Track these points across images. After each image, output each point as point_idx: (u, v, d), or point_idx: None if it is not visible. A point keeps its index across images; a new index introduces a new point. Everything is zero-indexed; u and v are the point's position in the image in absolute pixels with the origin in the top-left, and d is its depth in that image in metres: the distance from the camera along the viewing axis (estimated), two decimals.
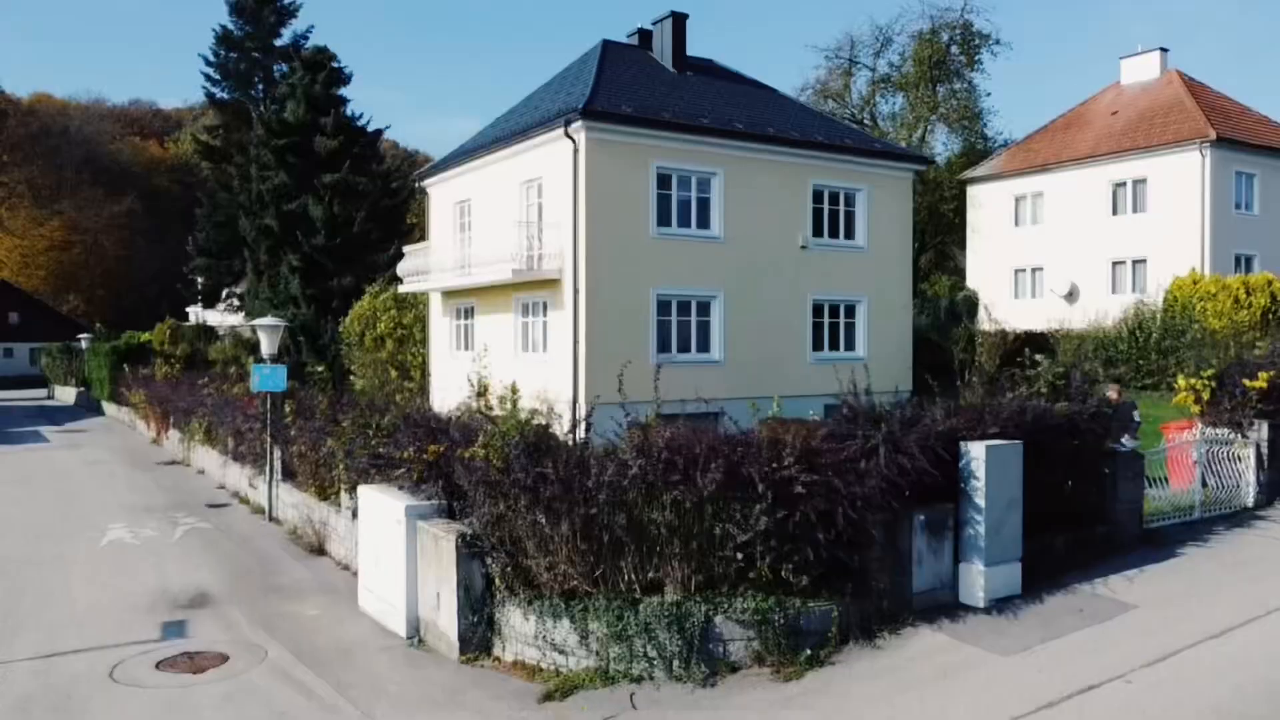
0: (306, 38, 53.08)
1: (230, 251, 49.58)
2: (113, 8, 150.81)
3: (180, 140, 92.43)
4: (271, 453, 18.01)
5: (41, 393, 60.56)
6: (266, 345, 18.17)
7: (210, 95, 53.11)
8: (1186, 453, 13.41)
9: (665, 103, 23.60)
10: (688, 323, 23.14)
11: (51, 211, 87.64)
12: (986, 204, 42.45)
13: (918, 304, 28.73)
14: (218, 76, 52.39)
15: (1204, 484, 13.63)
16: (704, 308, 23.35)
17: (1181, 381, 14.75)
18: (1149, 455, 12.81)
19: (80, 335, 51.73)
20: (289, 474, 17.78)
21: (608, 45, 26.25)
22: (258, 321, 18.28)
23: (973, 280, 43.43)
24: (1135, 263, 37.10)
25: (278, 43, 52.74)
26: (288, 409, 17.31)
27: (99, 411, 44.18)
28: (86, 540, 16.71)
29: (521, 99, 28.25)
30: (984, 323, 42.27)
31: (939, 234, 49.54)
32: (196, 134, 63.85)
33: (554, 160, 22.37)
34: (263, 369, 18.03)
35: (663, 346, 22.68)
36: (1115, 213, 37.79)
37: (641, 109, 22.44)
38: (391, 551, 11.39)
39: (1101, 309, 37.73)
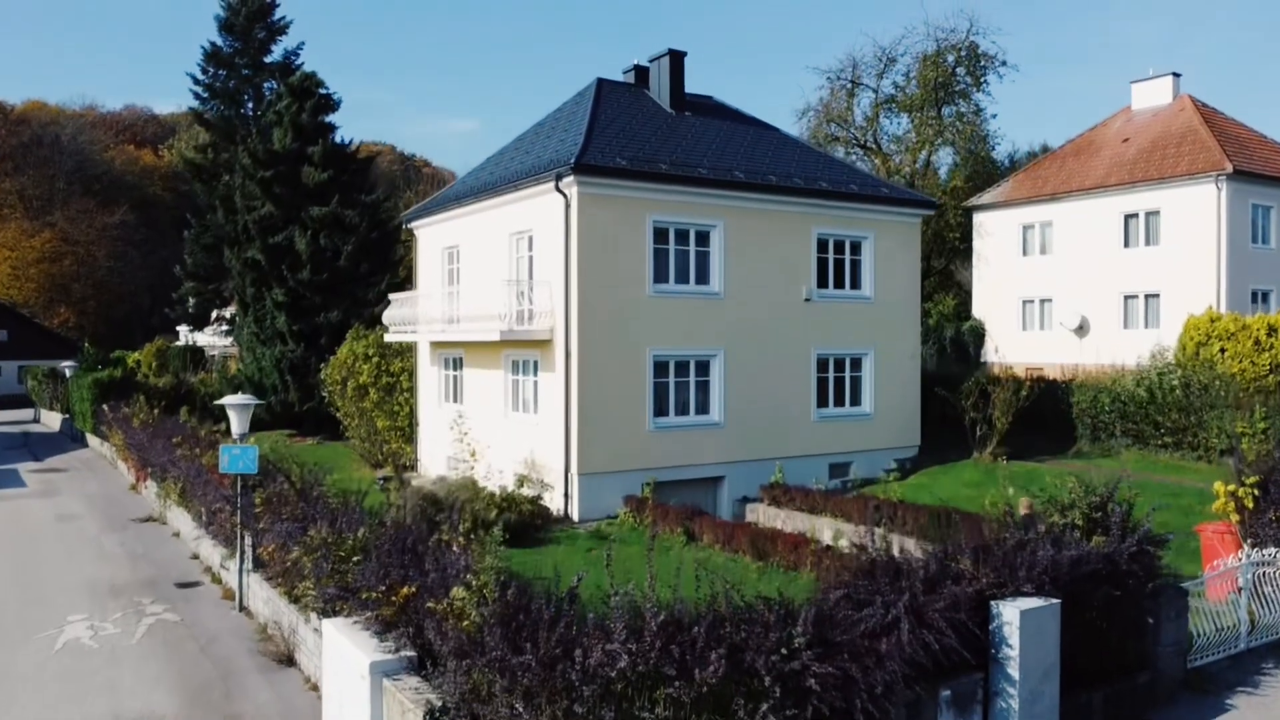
0: (298, 54, 52.07)
1: (219, 275, 48.49)
2: (108, 7, 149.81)
3: (174, 147, 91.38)
4: (242, 539, 16.89)
5: (29, 414, 59.46)
6: (236, 425, 17.04)
7: (199, 114, 52.02)
8: (1231, 577, 12.28)
9: (662, 150, 22.48)
10: (686, 384, 22.03)
11: (43, 223, 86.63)
12: (993, 232, 41.38)
13: (921, 333, 27.49)
14: (206, 95, 51.34)
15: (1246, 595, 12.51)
16: (703, 367, 22.24)
17: (1219, 487, 13.65)
18: (1191, 589, 11.67)
19: (65, 364, 50.52)
20: (260, 563, 16.66)
21: (602, 85, 25.14)
22: (226, 400, 17.14)
23: (979, 309, 42.37)
24: (1148, 297, 36.05)
25: (268, 59, 51.67)
26: (258, 499, 16.16)
27: (83, 442, 43.05)
28: (40, 641, 15.55)
29: (513, 139, 27.16)
30: (990, 354, 41.25)
31: (944, 256, 48.44)
32: (185, 152, 62.72)
33: (545, 213, 21.26)
34: (232, 449, 16.87)
35: (660, 410, 21.59)
36: (1127, 245, 36.74)
37: (637, 160, 21.31)
38: (356, 706, 10.26)
39: (1113, 344, 36.69)
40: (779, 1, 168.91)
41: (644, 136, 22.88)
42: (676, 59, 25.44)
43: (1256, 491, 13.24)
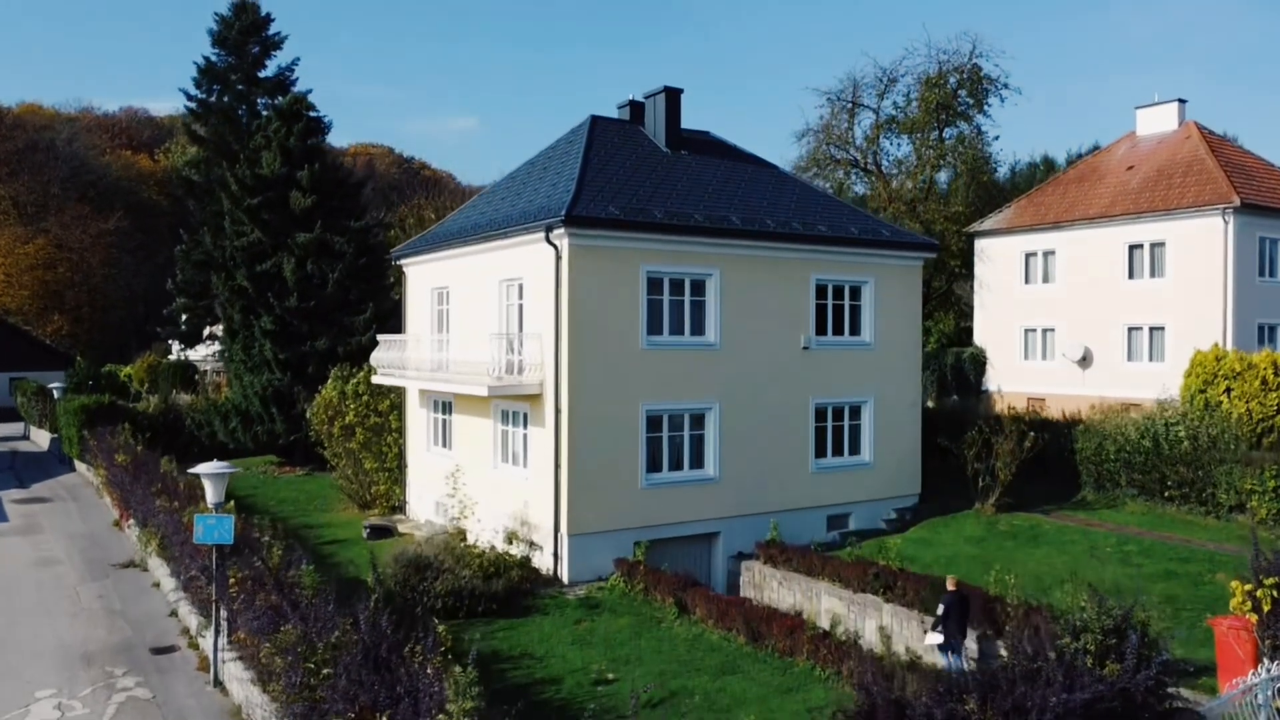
0: (293, 69, 51.28)
1: (210, 292, 47.81)
2: (105, 5, 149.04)
3: (171, 151, 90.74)
4: (217, 611, 16.26)
5: (18, 428, 58.72)
6: (212, 494, 16.39)
7: (192, 131, 51.37)
8: (1250, 691, 11.64)
9: (656, 195, 21.85)
10: (680, 438, 21.39)
11: (36, 229, 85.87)
12: (995, 258, 40.77)
13: (921, 359, 26.56)
14: (200, 110, 50.63)
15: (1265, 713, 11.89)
16: (698, 420, 21.60)
17: (1237, 586, 13.01)
18: (1208, 712, 11.04)
19: (53, 384, 49.77)
20: (234, 638, 16.05)
21: (596, 123, 24.49)
22: (201, 470, 16.49)
23: (980, 336, 41.74)
24: (1153, 329, 35.44)
25: (262, 74, 50.95)
26: (232, 577, 15.53)
27: (70, 466, 42.36)
28: None
29: (505, 175, 26.52)
30: (991, 383, 40.64)
31: (944, 278, 47.80)
32: (178, 165, 62.14)
33: (535, 263, 20.63)
34: (207, 519, 16.24)
35: (653, 466, 20.95)
36: (1132, 276, 36.13)
37: (629, 209, 20.67)
38: None
39: (1117, 376, 36.10)
40: (780, 22, 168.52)
41: (638, 180, 22.23)
42: (673, 96, 24.79)
43: (1276, 593, 12.60)
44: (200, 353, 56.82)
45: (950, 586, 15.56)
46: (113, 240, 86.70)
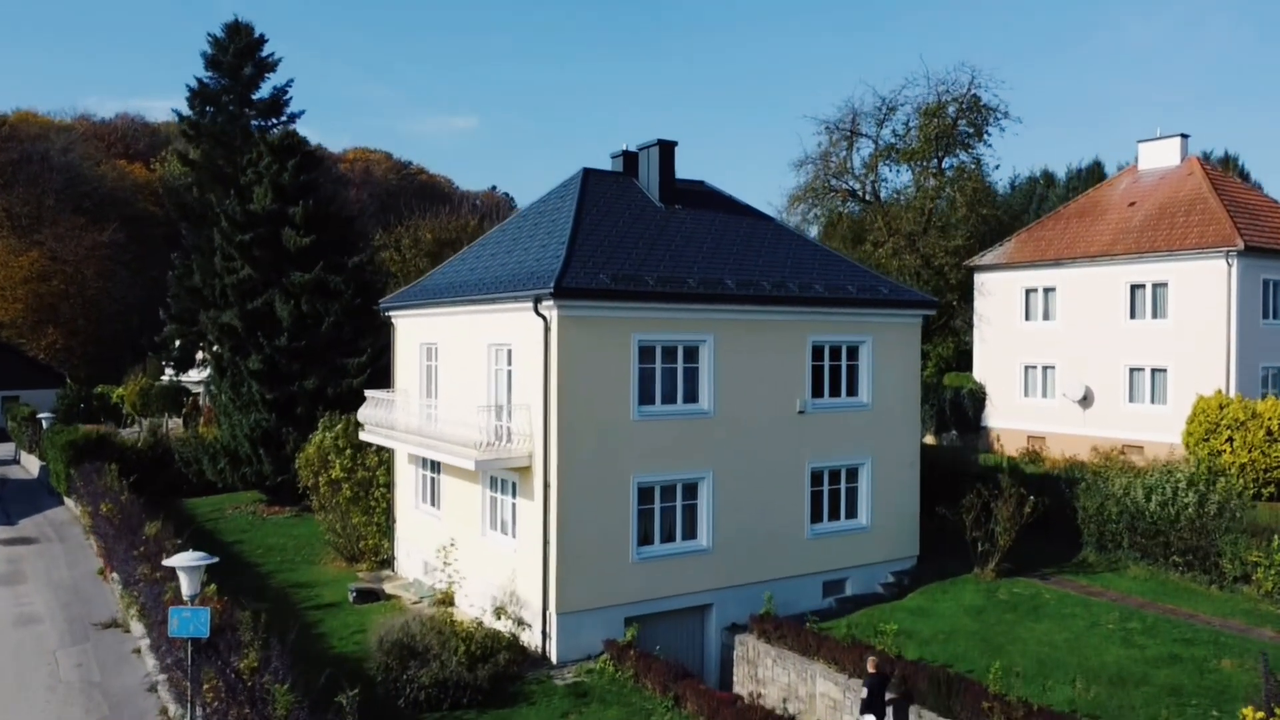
0: (287, 90, 50.95)
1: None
2: (102, 8, 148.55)
3: (167, 160, 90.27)
4: (193, 706, 15.80)
5: (9, 449, 58.28)
6: (187, 587, 15.92)
7: (183, 155, 50.93)
8: None
9: (649, 257, 21.35)
10: (673, 509, 20.89)
11: (30, 241, 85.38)
12: (995, 293, 40.35)
13: (920, 393, 25.85)
14: (191, 133, 50.18)
15: None
16: (691, 490, 21.10)
17: (1249, 714, 12.55)
18: None
19: (41, 415, 49.18)
20: None
21: (589, 176, 23.99)
22: (176, 561, 16.00)
23: (980, 371, 41.32)
24: (1154, 371, 34.98)
25: (256, 96, 50.53)
26: (206, 682, 15.03)
27: (59, 499, 41.88)
28: None
29: (495, 228, 26.01)
30: (990, 419, 40.18)
31: (942, 309, 47.33)
32: (172, 179, 61.61)
33: (524, 330, 20.12)
34: (182, 612, 15.78)
35: (644, 539, 20.46)
36: (1133, 316, 35.70)
37: (621, 276, 20.15)
38: None
39: (1118, 418, 35.67)
40: (777, 52, 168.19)
41: (630, 241, 21.72)
42: (666, 149, 24.27)
43: None
44: (193, 376, 56.36)
45: (870, 669, 16.27)
46: (108, 252, 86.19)
